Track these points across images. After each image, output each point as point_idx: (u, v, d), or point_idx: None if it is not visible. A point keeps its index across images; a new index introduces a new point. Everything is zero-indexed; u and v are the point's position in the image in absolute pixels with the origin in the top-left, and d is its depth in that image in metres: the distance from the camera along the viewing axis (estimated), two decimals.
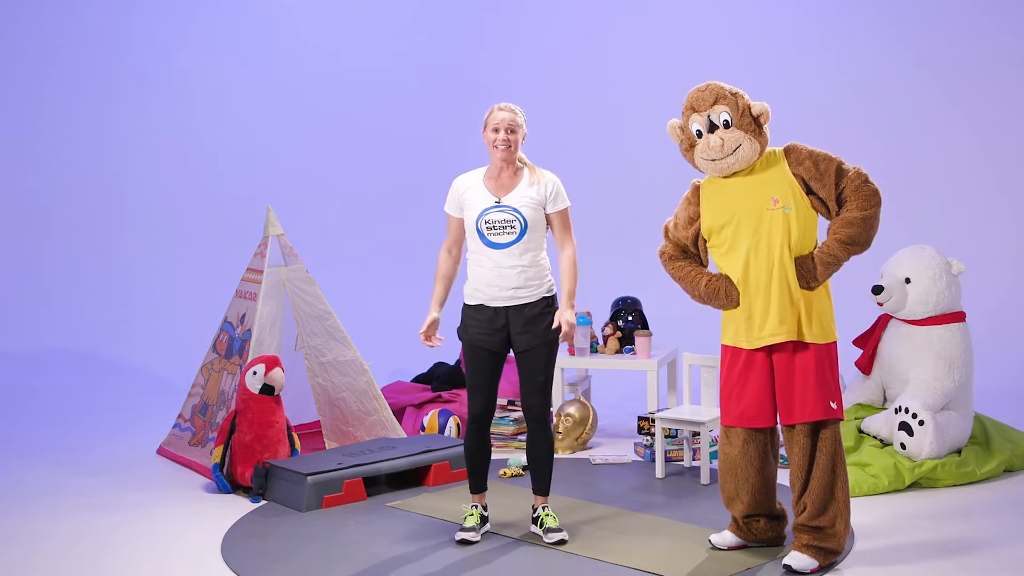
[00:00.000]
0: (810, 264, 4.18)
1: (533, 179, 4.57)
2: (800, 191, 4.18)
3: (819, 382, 4.18)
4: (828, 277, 4.21)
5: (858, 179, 4.17)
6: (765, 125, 4.23)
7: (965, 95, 8.42)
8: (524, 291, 4.54)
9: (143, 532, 4.96)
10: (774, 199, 4.18)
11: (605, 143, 9.14)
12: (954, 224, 8.17)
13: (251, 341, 5.88)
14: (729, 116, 4.17)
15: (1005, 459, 5.47)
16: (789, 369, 4.20)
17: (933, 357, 5.48)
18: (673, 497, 5.28)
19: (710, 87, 4.23)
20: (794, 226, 4.17)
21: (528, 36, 9.50)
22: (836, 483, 4.20)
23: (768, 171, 4.23)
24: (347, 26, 9.76)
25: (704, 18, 9.08)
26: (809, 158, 4.19)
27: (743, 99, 4.20)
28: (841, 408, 4.25)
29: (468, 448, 4.70)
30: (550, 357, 4.60)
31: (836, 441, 4.22)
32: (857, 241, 4.17)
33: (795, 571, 4.17)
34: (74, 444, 6.69)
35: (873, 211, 4.17)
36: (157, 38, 9.66)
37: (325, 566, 4.42)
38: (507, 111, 4.54)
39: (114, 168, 9.54)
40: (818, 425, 4.21)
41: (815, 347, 4.19)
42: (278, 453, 5.54)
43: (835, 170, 4.17)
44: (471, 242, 4.60)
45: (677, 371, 6.70)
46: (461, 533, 4.66)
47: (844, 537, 4.25)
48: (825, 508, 4.20)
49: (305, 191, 9.47)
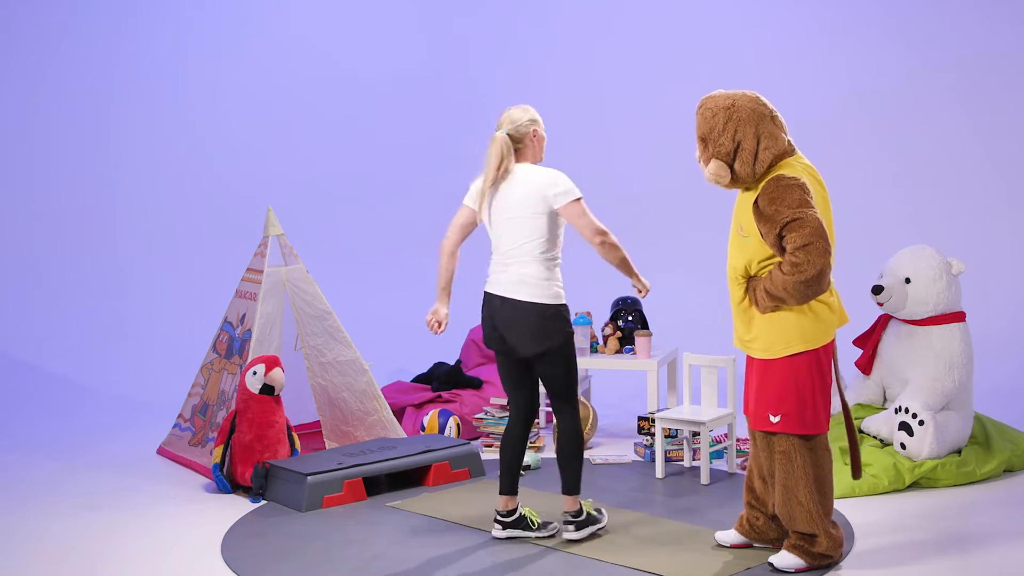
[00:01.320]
0: (752, 292, 4.18)
1: None
2: (756, 229, 4.12)
3: (759, 394, 4.20)
4: (766, 311, 4.12)
5: (797, 241, 3.97)
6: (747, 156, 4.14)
7: (965, 95, 8.42)
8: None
9: (143, 532, 4.96)
10: (741, 226, 4.20)
11: (605, 143, 9.14)
12: (954, 224, 8.17)
13: (251, 341, 5.88)
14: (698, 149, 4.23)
15: (1005, 459, 5.48)
16: (749, 374, 4.30)
17: (933, 357, 5.48)
18: (673, 497, 5.28)
19: (704, 104, 4.18)
20: (747, 255, 4.17)
21: (528, 39, 9.50)
22: (792, 496, 4.14)
23: (750, 196, 4.17)
24: (347, 27, 9.76)
25: (706, 19, 9.07)
26: (770, 204, 4.02)
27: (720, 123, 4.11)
28: (791, 422, 4.12)
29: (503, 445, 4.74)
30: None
31: (786, 454, 4.15)
32: (779, 299, 4.07)
33: (778, 570, 4.18)
34: (74, 444, 6.70)
35: (796, 279, 3.96)
36: (156, 39, 9.65)
37: (325, 566, 4.42)
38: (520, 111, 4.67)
39: (113, 168, 9.53)
40: (769, 436, 4.22)
41: (761, 361, 4.20)
42: (278, 453, 5.54)
43: (781, 225, 4.00)
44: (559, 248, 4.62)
45: (677, 371, 6.71)
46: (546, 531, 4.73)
47: (831, 542, 4.19)
48: (791, 517, 4.18)
49: (305, 191, 9.47)
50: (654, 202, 8.91)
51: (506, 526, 4.68)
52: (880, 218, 8.11)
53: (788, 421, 4.14)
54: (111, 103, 9.55)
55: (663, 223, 8.81)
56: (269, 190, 9.13)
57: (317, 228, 9.19)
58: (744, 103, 4.13)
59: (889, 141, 8.52)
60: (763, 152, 4.11)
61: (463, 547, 4.61)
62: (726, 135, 4.11)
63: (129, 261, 9.39)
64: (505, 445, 4.70)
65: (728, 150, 4.12)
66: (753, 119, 4.11)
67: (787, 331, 4.12)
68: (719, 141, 4.12)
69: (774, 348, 4.15)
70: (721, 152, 4.12)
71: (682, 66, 8.98)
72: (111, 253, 9.39)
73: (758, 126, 4.11)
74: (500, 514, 4.69)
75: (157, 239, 9.48)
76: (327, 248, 8.98)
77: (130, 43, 9.60)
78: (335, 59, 9.72)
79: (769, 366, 4.17)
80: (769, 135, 4.12)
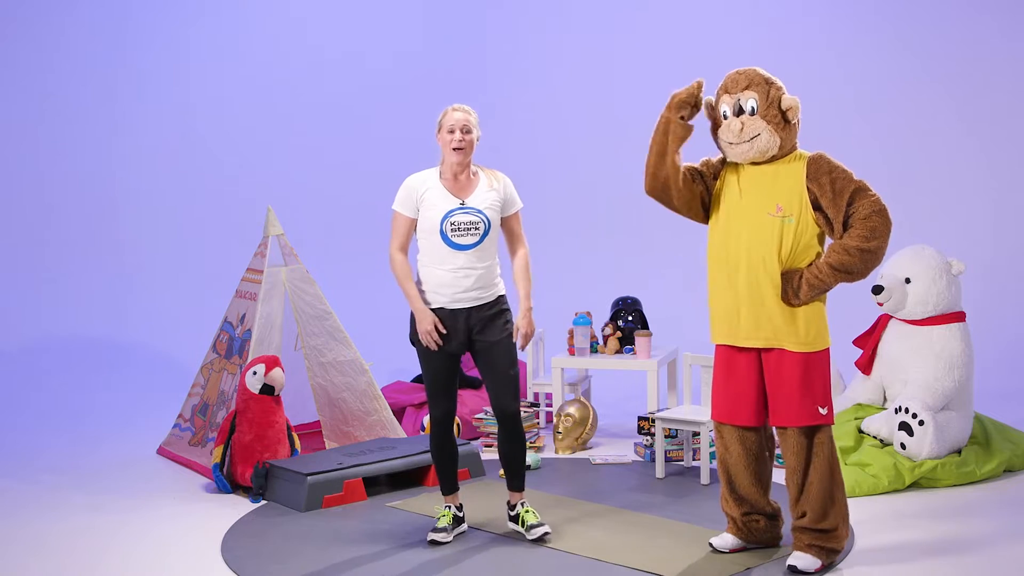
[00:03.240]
0: (796, 281, 4.11)
1: (491, 181, 4.58)
2: (807, 205, 4.11)
3: (804, 388, 4.14)
4: (812, 299, 4.12)
5: (869, 208, 4.07)
6: (794, 121, 4.15)
7: (966, 95, 8.42)
8: (485, 292, 4.55)
9: (143, 532, 4.96)
10: (779, 206, 4.12)
11: (605, 144, 9.13)
12: (954, 224, 8.17)
13: (251, 341, 5.88)
14: (756, 103, 4.13)
15: (1005, 459, 5.47)
16: (776, 373, 4.19)
17: (933, 357, 5.48)
18: (673, 497, 5.28)
19: (747, 72, 4.18)
20: (789, 238, 4.11)
21: (529, 37, 9.49)
22: (834, 488, 4.19)
23: (786, 173, 4.15)
24: (346, 27, 9.75)
25: (706, 19, 9.07)
26: (828, 174, 4.09)
27: (776, 90, 4.14)
28: (831, 413, 4.21)
29: (435, 451, 4.71)
30: (514, 351, 4.62)
31: (831, 446, 4.20)
32: (850, 270, 4.08)
33: (800, 571, 4.17)
34: (74, 444, 6.69)
35: (875, 243, 4.06)
36: (157, 38, 9.65)
37: (325, 566, 4.42)
38: (461, 111, 4.54)
39: (113, 168, 9.53)
40: (811, 430, 4.19)
41: (801, 355, 4.15)
42: (278, 453, 5.54)
43: (849, 194, 4.07)
44: (427, 244, 4.55)
45: (677, 371, 6.70)
46: (432, 534, 4.65)
47: (845, 537, 4.26)
48: (826, 513, 4.19)
49: (305, 191, 9.47)
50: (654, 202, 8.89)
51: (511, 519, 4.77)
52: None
53: (831, 412, 4.21)
54: (112, 103, 9.55)
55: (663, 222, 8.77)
56: (269, 190, 9.13)
57: (317, 228, 9.19)
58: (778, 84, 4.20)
59: (888, 141, 8.51)
60: (796, 128, 4.18)
61: (463, 547, 4.62)
62: (773, 104, 4.12)
63: (129, 261, 9.39)
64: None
65: (778, 120, 4.13)
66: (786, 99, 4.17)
67: (821, 322, 4.16)
68: (770, 108, 4.12)
69: (818, 340, 4.15)
70: (773, 119, 4.12)
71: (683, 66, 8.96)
72: (111, 253, 9.39)
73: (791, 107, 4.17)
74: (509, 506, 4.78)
75: (157, 239, 9.48)
76: (327, 248, 8.98)
77: (130, 43, 9.60)
78: (336, 59, 9.72)
79: (811, 359, 4.15)
80: (797, 118, 4.19)
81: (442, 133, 4.54)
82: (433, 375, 4.64)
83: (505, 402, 4.60)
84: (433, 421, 4.68)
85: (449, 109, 4.55)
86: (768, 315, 4.15)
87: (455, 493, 4.77)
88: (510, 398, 4.60)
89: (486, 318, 4.55)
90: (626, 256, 8.52)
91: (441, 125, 4.54)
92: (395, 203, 4.63)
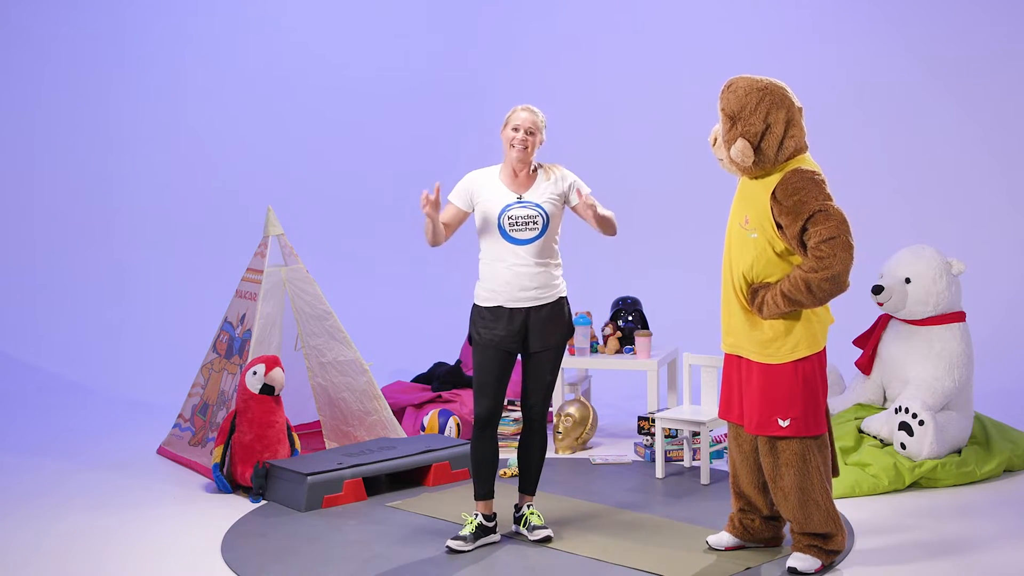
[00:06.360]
0: (760, 297, 4.09)
1: (549, 175, 4.55)
2: (771, 221, 4.05)
3: (763, 398, 4.12)
4: (774, 317, 4.07)
5: (821, 235, 3.92)
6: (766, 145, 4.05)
7: (966, 94, 8.42)
8: (544, 291, 4.51)
9: (143, 532, 4.96)
10: (747, 218, 4.11)
11: (605, 144, 9.14)
12: (954, 224, 8.17)
13: (251, 341, 5.88)
14: (721, 131, 4.13)
15: (1005, 459, 5.47)
16: (746, 380, 4.22)
17: (933, 357, 5.48)
18: (673, 497, 5.28)
19: (732, 91, 4.09)
20: (752, 252, 4.09)
21: (530, 37, 9.49)
22: (813, 495, 4.13)
23: (763, 187, 4.09)
24: (346, 27, 9.76)
25: (705, 16, 9.07)
26: (793, 194, 3.97)
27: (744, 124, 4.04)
28: (803, 426, 4.09)
29: (474, 452, 4.58)
30: (559, 359, 4.62)
31: (803, 456, 4.12)
32: (799, 301, 3.99)
33: (800, 572, 4.17)
34: (74, 444, 6.69)
35: (822, 275, 3.91)
36: (155, 38, 9.65)
37: (325, 566, 4.42)
38: (528, 112, 4.52)
39: (113, 168, 9.53)
40: (774, 439, 4.15)
41: (761, 365, 4.13)
42: (278, 453, 5.54)
43: (807, 216, 3.95)
44: (486, 241, 4.53)
45: (677, 371, 6.70)
46: (452, 541, 4.55)
47: (841, 537, 4.24)
48: (809, 518, 4.17)
49: (305, 191, 9.47)
50: (654, 200, 8.90)
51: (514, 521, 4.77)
52: (880, 218, 8.11)
53: (797, 424, 4.10)
54: (111, 103, 9.55)
55: (663, 221, 8.81)
56: (269, 190, 9.13)
57: (317, 228, 9.19)
58: (777, 88, 4.09)
59: (889, 141, 8.52)
60: (788, 140, 4.06)
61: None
62: (757, 115, 4.03)
63: (129, 261, 9.39)
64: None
65: (757, 131, 4.04)
66: (785, 104, 4.07)
67: (793, 335, 4.08)
68: (750, 120, 4.03)
69: (780, 352, 4.10)
70: (750, 132, 4.04)
71: (683, 65, 8.98)
72: (111, 253, 9.39)
73: (788, 112, 4.07)
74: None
75: (157, 239, 9.48)
76: (327, 248, 8.97)
77: (129, 43, 9.60)
78: (335, 58, 9.72)
79: (772, 370, 4.12)
80: (796, 124, 4.09)
81: (506, 130, 4.52)
82: (484, 369, 4.52)
83: (536, 403, 4.61)
84: (476, 421, 4.54)
85: (518, 108, 4.54)
86: (736, 323, 4.20)
87: (488, 500, 4.62)
88: (542, 401, 4.62)
89: (544, 319, 4.52)
90: (626, 256, 8.52)
91: (507, 121, 4.52)
92: (450, 194, 4.61)
